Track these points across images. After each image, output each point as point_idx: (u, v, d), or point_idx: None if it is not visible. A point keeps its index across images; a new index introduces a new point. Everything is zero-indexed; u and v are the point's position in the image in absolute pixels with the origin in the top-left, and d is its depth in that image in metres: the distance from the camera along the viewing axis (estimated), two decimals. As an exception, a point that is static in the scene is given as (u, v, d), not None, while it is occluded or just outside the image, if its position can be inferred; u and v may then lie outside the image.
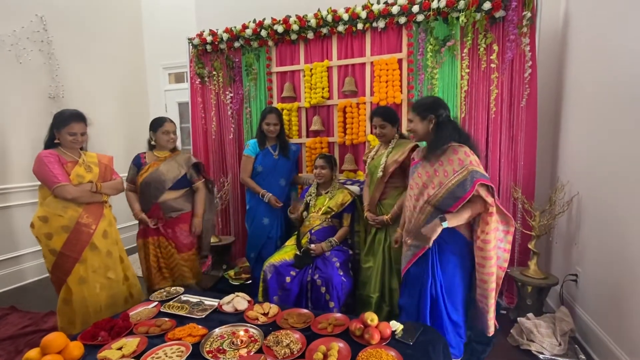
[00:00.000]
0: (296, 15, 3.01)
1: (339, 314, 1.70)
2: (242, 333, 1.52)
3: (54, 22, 3.51)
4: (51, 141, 2.08)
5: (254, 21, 3.14)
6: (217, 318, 1.71)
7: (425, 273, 1.83)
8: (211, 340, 1.50)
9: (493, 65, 2.55)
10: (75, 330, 2.00)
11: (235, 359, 1.37)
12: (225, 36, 3.21)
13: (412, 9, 2.65)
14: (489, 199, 1.67)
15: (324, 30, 2.97)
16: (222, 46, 3.27)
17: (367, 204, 2.40)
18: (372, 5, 2.79)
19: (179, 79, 4.81)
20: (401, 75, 2.81)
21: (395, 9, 2.70)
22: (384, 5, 2.75)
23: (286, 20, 3.03)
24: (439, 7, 2.58)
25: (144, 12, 4.68)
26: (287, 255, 2.34)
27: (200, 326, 1.59)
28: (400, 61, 2.80)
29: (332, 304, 2.13)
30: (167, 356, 1.37)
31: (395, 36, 2.82)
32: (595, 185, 2.08)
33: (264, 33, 3.10)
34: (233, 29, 3.19)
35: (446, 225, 1.70)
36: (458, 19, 2.56)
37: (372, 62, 2.89)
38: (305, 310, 1.75)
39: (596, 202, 2.08)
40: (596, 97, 2.09)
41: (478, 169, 1.67)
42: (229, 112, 3.35)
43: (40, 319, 2.55)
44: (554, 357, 2.01)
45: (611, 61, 1.93)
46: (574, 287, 2.31)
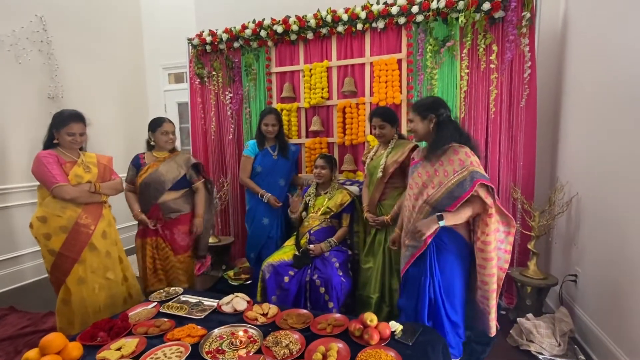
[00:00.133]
0: (296, 15, 3.01)
1: (338, 315, 1.70)
2: (241, 333, 1.52)
3: (54, 23, 3.51)
4: (50, 141, 2.08)
5: (254, 21, 3.14)
6: (216, 318, 1.71)
7: (423, 274, 1.82)
8: (210, 340, 1.50)
9: (492, 66, 2.56)
10: (75, 331, 2.00)
11: (235, 359, 1.37)
12: (225, 36, 3.21)
13: (412, 10, 2.65)
14: (488, 200, 1.66)
15: (324, 31, 2.97)
16: (222, 46, 3.27)
17: (366, 204, 2.40)
18: (371, 5, 2.79)
19: (178, 79, 4.81)
20: (400, 75, 2.81)
21: (394, 10, 2.70)
22: (384, 5, 2.75)
23: (286, 21, 3.03)
24: (438, 8, 2.58)
25: (143, 13, 4.68)
26: (286, 256, 2.34)
27: (199, 327, 1.59)
28: (399, 61, 2.81)
29: (331, 304, 2.13)
30: (166, 357, 1.37)
31: (394, 36, 2.83)
32: (595, 186, 2.08)
33: (263, 33, 3.10)
34: (232, 29, 3.19)
35: (443, 224, 1.68)
36: (457, 19, 2.56)
37: (371, 63, 2.89)
38: (305, 311, 1.75)
39: (595, 202, 2.08)
40: (595, 97, 2.09)
41: (479, 170, 1.66)
42: (229, 113, 3.35)
43: (39, 320, 2.55)
44: (553, 358, 2.01)
45: (610, 61, 1.93)
46: (574, 288, 2.31)
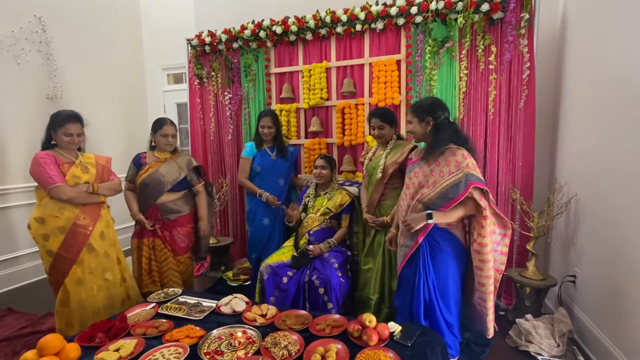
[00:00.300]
0: (295, 16, 3.02)
1: (337, 316, 1.70)
2: (240, 334, 1.52)
3: (53, 23, 3.50)
4: (48, 142, 2.07)
5: (253, 22, 3.14)
6: (215, 319, 1.71)
7: (416, 273, 1.83)
8: (209, 341, 1.50)
9: (491, 67, 2.56)
10: (73, 332, 1.99)
11: (233, 360, 1.36)
12: (224, 37, 3.21)
13: (411, 11, 2.65)
14: (482, 202, 1.67)
15: (323, 32, 2.97)
16: (221, 47, 3.27)
17: (365, 205, 2.40)
18: (370, 6, 2.80)
19: (177, 79, 4.80)
20: (400, 76, 2.81)
21: (393, 10, 2.70)
22: (383, 6, 2.75)
23: (285, 21, 3.03)
24: (437, 9, 2.58)
25: (142, 13, 4.67)
26: (285, 256, 2.34)
27: (197, 327, 1.59)
28: (398, 62, 2.81)
29: (330, 305, 2.13)
30: (164, 358, 1.36)
31: (393, 37, 2.83)
32: (594, 186, 2.08)
33: (262, 34, 3.10)
34: (232, 29, 3.19)
35: (431, 222, 1.72)
36: (456, 20, 2.57)
37: (370, 63, 2.89)
38: (304, 312, 1.75)
39: (594, 203, 2.08)
40: (594, 97, 2.09)
41: (474, 172, 1.67)
42: (228, 113, 3.35)
43: (38, 321, 2.54)
44: (552, 358, 2.00)
45: (609, 62, 1.93)
46: (572, 288, 2.31)
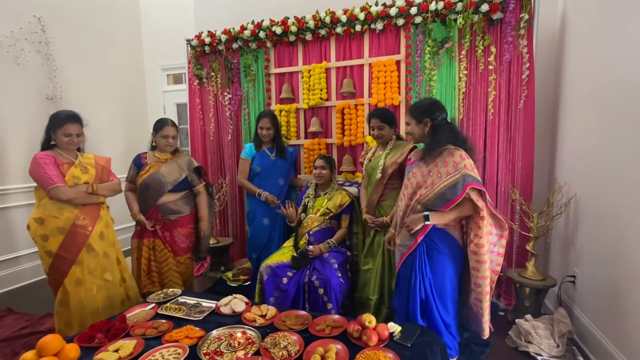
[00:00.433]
0: (294, 16, 3.02)
1: (336, 316, 1.70)
2: (239, 335, 1.52)
3: (52, 23, 3.50)
4: (47, 143, 2.07)
5: (253, 22, 3.14)
6: (214, 320, 1.71)
7: (412, 274, 1.84)
8: (208, 342, 1.50)
9: (491, 67, 2.56)
10: (73, 332, 1.99)
11: (233, 361, 1.36)
12: (224, 37, 3.21)
13: (410, 11, 2.66)
14: (480, 203, 1.68)
15: (322, 32, 2.98)
16: (221, 47, 3.27)
17: (365, 205, 2.40)
18: (370, 7, 2.80)
19: (177, 80, 4.80)
20: (399, 76, 2.81)
21: (393, 11, 2.70)
22: (382, 7, 2.75)
23: (284, 22, 3.03)
24: (437, 9, 2.59)
25: (142, 13, 4.67)
26: (284, 257, 2.33)
27: (197, 328, 1.59)
28: (398, 63, 2.81)
29: (330, 305, 2.13)
30: (163, 358, 1.36)
31: (393, 38, 2.83)
32: (593, 187, 2.08)
33: (262, 34, 3.10)
34: (231, 30, 3.19)
35: (429, 222, 1.73)
36: (456, 20, 2.57)
37: (370, 64, 2.89)
38: (303, 312, 1.75)
39: (594, 203, 2.09)
40: (593, 98, 2.09)
41: (471, 173, 1.68)
42: (227, 114, 3.35)
43: (37, 321, 2.53)
44: (551, 359, 2.00)
45: (608, 62, 1.94)
46: (572, 289, 2.31)
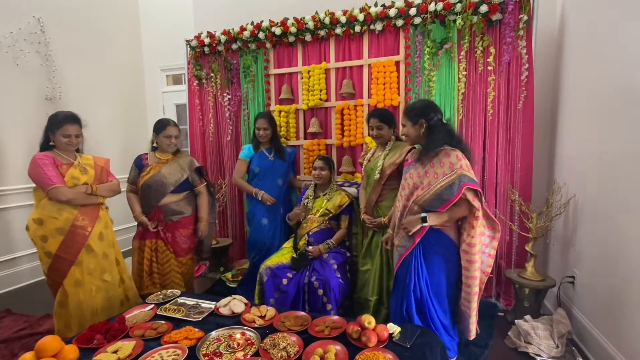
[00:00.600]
0: (294, 17, 3.02)
1: (336, 317, 1.70)
2: (238, 336, 1.52)
3: (52, 24, 3.50)
4: (46, 143, 2.07)
5: (252, 23, 3.14)
6: (213, 321, 1.71)
7: (407, 274, 1.84)
8: (207, 343, 1.49)
9: (490, 68, 2.56)
10: (72, 333, 1.98)
11: (232, 362, 1.36)
12: (223, 38, 3.21)
13: (410, 12, 2.66)
14: (476, 203, 1.69)
15: (322, 33, 2.98)
16: (220, 48, 3.27)
17: (363, 206, 2.40)
18: (369, 7, 2.80)
19: (176, 80, 4.80)
20: (398, 77, 2.82)
21: (392, 12, 2.71)
22: (382, 7, 2.75)
23: (284, 23, 3.04)
24: (436, 10, 2.59)
25: (142, 14, 4.67)
26: (284, 258, 2.33)
27: (196, 329, 1.58)
28: (397, 63, 2.81)
29: (329, 306, 2.13)
30: (162, 359, 1.36)
31: (392, 39, 2.83)
32: (592, 188, 2.09)
33: (261, 35, 3.11)
34: (231, 30, 3.19)
35: (426, 224, 1.73)
36: (455, 21, 2.57)
37: (369, 65, 2.89)
38: (302, 313, 1.74)
39: (593, 204, 2.09)
40: (592, 99, 2.10)
41: (467, 174, 1.69)
42: (227, 114, 3.35)
43: (36, 322, 2.52)
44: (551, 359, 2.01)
45: (607, 63, 1.94)
46: (571, 289, 2.31)
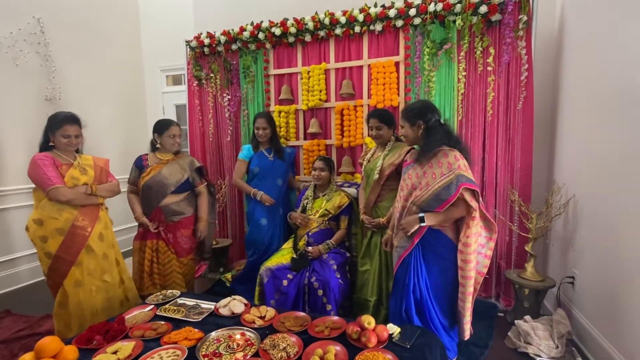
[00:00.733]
0: (294, 18, 3.02)
1: (335, 317, 1.69)
2: (238, 336, 1.52)
3: (52, 24, 3.50)
4: (46, 144, 2.07)
5: (252, 24, 3.15)
6: (213, 321, 1.70)
7: (407, 275, 1.84)
8: (207, 343, 1.49)
9: (489, 68, 2.57)
10: (72, 334, 1.99)
11: (232, 362, 1.36)
12: (223, 38, 3.21)
13: (409, 12, 2.66)
14: (473, 203, 1.70)
15: (322, 33, 2.98)
16: (220, 48, 3.27)
17: (362, 206, 2.40)
18: (369, 8, 2.80)
19: (176, 81, 4.80)
20: (398, 78, 2.82)
21: (392, 12, 2.71)
22: (381, 8, 2.76)
23: (284, 23, 3.04)
24: (435, 11, 2.59)
25: (141, 14, 4.67)
26: (284, 259, 2.33)
27: (196, 329, 1.58)
28: (397, 64, 2.82)
29: (329, 306, 2.13)
30: (162, 360, 1.36)
31: (392, 39, 2.83)
32: (592, 188, 2.09)
33: (261, 35, 3.11)
34: (231, 31, 3.19)
35: (424, 224, 1.74)
36: (455, 22, 2.58)
37: (369, 65, 2.89)
38: (302, 314, 1.74)
39: (592, 204, 2.09)
40: (592, 99, 2.10)
41: (465, 174, 1.69)
42: (227, 115, 3.35)
43: (36, 323, 2.52)
44: (551, 360, 2.01)
45: (607, 64, 1.94)
46: (571, 290, 2.31)
